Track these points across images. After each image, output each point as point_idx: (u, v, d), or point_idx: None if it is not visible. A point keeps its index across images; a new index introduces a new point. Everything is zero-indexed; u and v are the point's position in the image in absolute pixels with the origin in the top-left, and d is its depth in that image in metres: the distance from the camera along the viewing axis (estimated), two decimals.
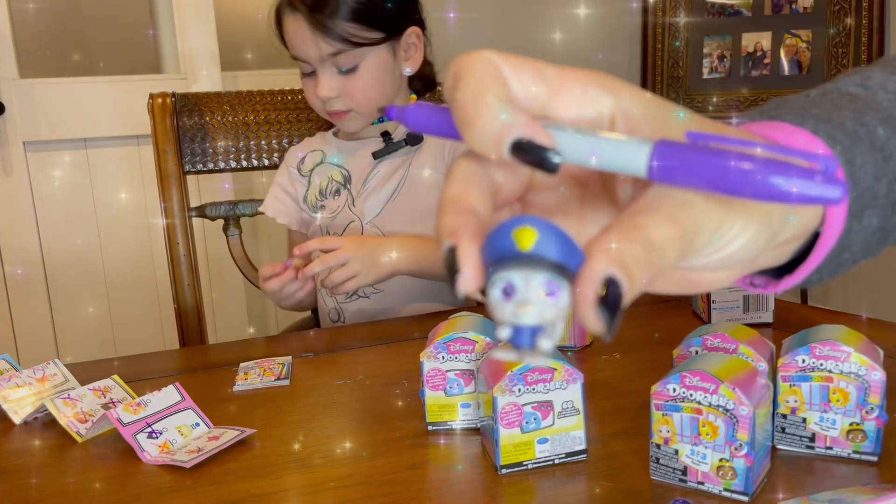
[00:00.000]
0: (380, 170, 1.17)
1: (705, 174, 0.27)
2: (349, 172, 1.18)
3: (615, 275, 0.26)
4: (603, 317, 0.26)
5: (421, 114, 0.33)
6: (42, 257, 2.08)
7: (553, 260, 0.26)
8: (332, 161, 1.19)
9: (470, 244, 0.27)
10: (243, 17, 2.31)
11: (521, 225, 0.27)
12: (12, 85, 1.97)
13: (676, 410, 0.55)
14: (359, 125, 1.16)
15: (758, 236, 0.30)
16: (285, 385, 0.81)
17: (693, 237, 0.28)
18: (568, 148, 0.28)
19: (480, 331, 0.67)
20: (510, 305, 0.26)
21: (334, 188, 1.18)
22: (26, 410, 0.74)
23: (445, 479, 0.61)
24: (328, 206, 1.18)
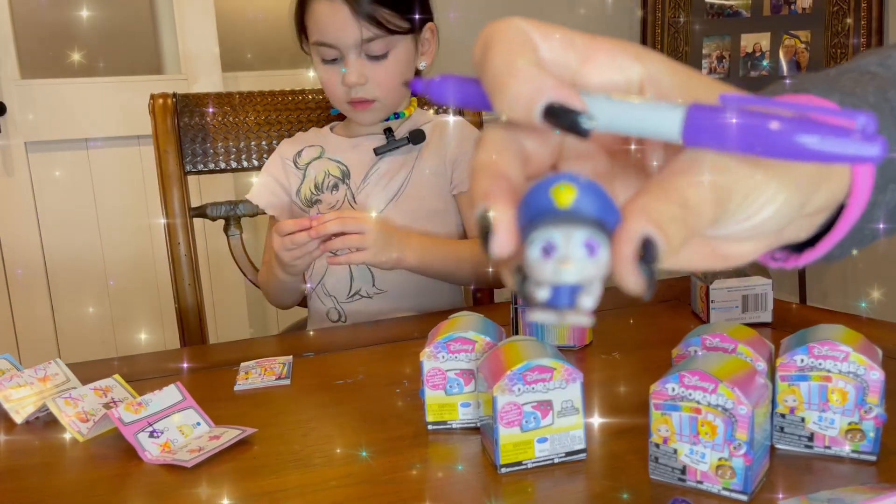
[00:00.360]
0: (380, 166, 1.16)
1: (740, 136, 0.26)
2: (347, 167, 1.17)
3: (652, 234, 0.26)
4: (644, 274, 0.26)
5: (448, 85, 0.32)
6: (43, 257, 2.08)
7: (593, 217, 0.26)
8: (330, 157, 1.18)
9: (504, 206, 0.27)
10: (244, 17, 2.31)
11: (559, 182, 0.26)
12: (13, 85, 1.97)
13: (675, 410, 0.55)
14: (377, 117, 1.15)
15: (789, 203, 0.30)
16: (286, 385, 0.81)
17: (727, 200, 0.28)
18: (600, 113, 0.28)
19: (480, 330, 0.67)
20: (550, 263, 0.26)
21: (331, 182, 1.17)
22: (28, 410, 0.74)
23: (445, 479, 0.61)
24: (325, 201, 1.17)
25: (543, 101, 0.28)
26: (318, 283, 1.18)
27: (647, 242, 0.26)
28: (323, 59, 1.11)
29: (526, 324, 0.87)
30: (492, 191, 0.28)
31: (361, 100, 1.11)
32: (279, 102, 1.27)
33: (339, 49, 1.08)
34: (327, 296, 1.17)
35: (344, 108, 1.15)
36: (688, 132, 0.27)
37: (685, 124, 0.27)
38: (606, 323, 0.95)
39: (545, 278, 0.26)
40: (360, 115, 1.14)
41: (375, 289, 1.15)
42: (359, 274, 1.15)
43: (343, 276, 1.16)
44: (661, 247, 0.26)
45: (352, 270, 1.15)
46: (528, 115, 0.28)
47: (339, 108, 1.16)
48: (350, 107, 1.12)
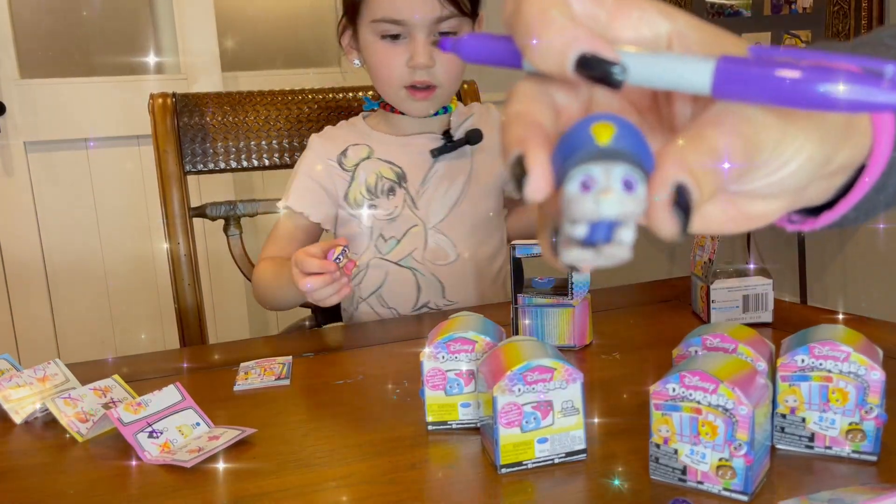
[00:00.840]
0: (438, 169, 1.10)
1: (769, 87, 0.27)
2: (402, 170, 1.10)
3: (686, 182, 0.27)
4: (677, 217, 0.27)
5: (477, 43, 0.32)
6: (42, 257, 2.08)
7: (632, 154, 0.26)
8: (381, 157, 1.10)
9: (538, 149, 0.28)
10: (243, 17, 2.31)
11: (599, 121, 0.27)
12: (13, 85, 1.97)
13: (676, 410, 0.55)
14: (433, 107, 1.08)
15: (814, 157, 0.30)
16: (285, 385, 0.81)
17: (756, 151, 0.29)
18: (632, 65, 0.28)
19: (480, 330, 0.67)
20: (590, 197, 0.26)
21: (386, 186, 1.09)
22: (27, 410, 0.74)
23: (445, 479, 0.61)
24: (382, 206, 1.09)
25: (576, 51, 0.28)
26: (371, 293, 1.11)
27: (681, 189, 0.27)
28: (384, 34, 1.02)
29: (526, 324, 0.87)
30: (525, 136, 0.28)
31: (424, 84, 1.03)
32: (279, 102, 1.27)
33: (407, 27, 1.01)
34: (385, 307, 1.11)
35: (397, 96, 1.06)
36: (717, 84, 0.27)
37: (715, 76, 0.27)
38: (606, 323, 0.95)
39: (583, 213, 0.26)
40: (418, 104, 1.06)
41: (446, 300, 1.10)
42: (426, 284, 1.10)
43: (407, 287, 1.09)
44: (695, 195, 0.27)
45: (418, 281, 1.09)
46: (560, 66, 0.28)
47: (392, 96, 1.07)
48: (407, 93, 1.04)
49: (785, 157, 0.30)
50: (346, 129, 1.15)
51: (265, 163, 1.26)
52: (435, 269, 1.09)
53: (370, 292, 1.11)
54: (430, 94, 1.04)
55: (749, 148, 0.28)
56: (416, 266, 1.09)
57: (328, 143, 1.12)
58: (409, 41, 1.02)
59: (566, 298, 0.85)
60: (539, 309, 0.86)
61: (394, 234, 1.09)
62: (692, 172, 0.27)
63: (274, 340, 1.04)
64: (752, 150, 0.29)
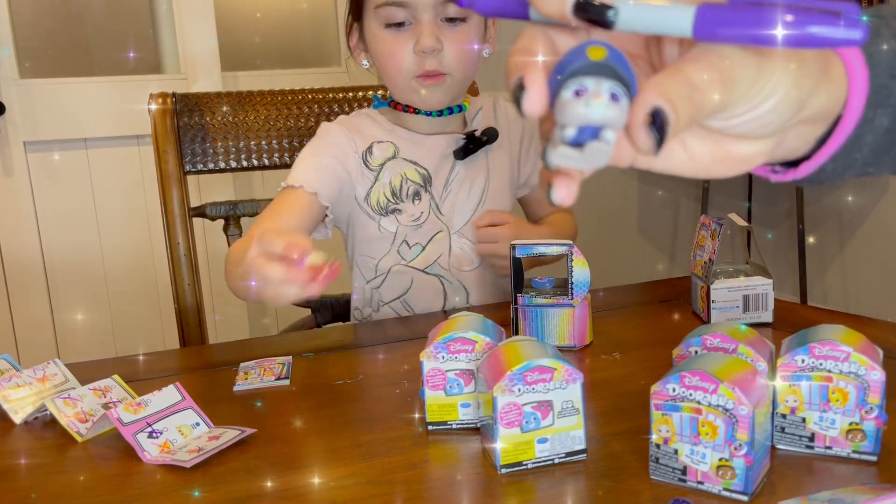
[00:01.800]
0: (459, 171, 1.07)
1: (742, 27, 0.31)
2: (428, 172, 1.05)
3: (661, 105, 0.31)
4: (652, 135, 0.31)
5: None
6: (42, 257, 2.08)
7: (620, 73, 0.32)
8: (406, 157, 1.05)
9: (536, 70, 0.33)
10: (243, 17, 2.31)
11: (594, 44, 0.32)
12: (12, 85, 1.97)
13: (676, 410, 0.55)
14: (445, 96, 1.02)
15: (789, 97, 0.34)
16: (285, 385, 0.81)
17: (731, 84, 0.32)
18: (623, 10, 0.32)
19: (480, 330, 0.67)
20: (581, 101, 0.31)
21: (412, 189, 1.04)
22: (27, 410, 0.74)
23: (445, 479, 0.61)
24: (406, 211, 1.04)
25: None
26: (394, 298, 1.08)
27: (658, 112, 0.31)
28: (388, 22, 0.98)
29: (526, 324, 0.87)
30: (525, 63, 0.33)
31: (434, 72, 0.99)
32: (279, 102, 1.27)
33: (412, 9, 0.97)
34: (410, 312, 1.09)
35: (409, 87, 1.01)
36: (698, 27, 0.32)
37: (696, 20, 0.32)
38: (606, 323, 0.95)
39: (574, 116, 0.31)
40: (429, 92, 1.01)
41: (469, 305, 1.09)
42: (453, 291, 1.07)
43: (435, 294, 1.07)
44: (670, 117, 0.31)
45: (445, 288, 1.07)
46: (560, 9, 0.33)
47: (402, 88, 1.02)
48: (419, 82, 1.00)
49: (763, 94, 0.33)
50: (367, 122, 1.08)
51: (265, 163, 1.26)
52: (460, 276, 1.08)
53: (394, 297, 1.08)
54: (440, 80, 1.00)
55: (726, 81, 0.32)
56: (442, 273, 1.07)
57: (354, 135, 1.05)
58: (414, 26, 0.98)
59: (566, 298, 0.85)
60: (539, 309, 0.86)
61: (419, 241, 1.06)
62: (668, 99, 0.31)
63: (274, 340, 1.04)
64: (729, 82, 0.32)
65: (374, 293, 1.09)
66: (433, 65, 0.99)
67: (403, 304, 1.09)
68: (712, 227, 0.91)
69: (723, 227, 0.90)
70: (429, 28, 0.97)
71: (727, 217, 0.94)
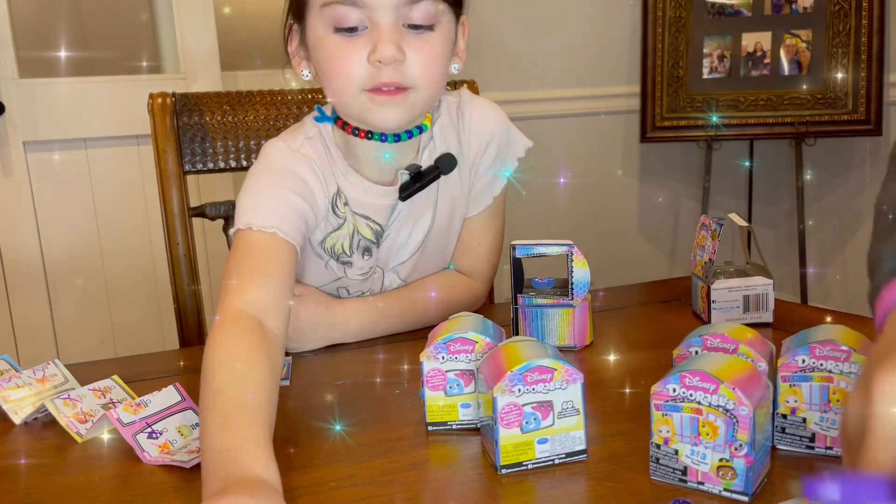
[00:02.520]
0: (402, 210, 0.92)
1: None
2: (380, 227, 0.92)
3: None
4: None
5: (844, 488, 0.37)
6: (42, 257, 2.08)
7: None
8: (357, 210, 0.91)
9: None
10: (243, 17, 2.31)
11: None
12: (12, 85, 1.97)
13: (676, 410, 0.55)
14: (405, 116, 0.84)
15: None
16: (285, 385, 0.81)
17: None
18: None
19: (480, 331, 0.67)
20: None
21: (363, 244, 0.92)
22: (26, 411, 0.74)
23: (445, 479, 0.61)
24: (356, 264, 0.93)
25: None
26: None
27: None
28: (337, 26, 0.80)
29: (526, 324, 0.87)
30: None
31: (392, 85, 0.81)
32: (279, 102, 1.27)
33: (368, 11, 0.79)
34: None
35: (358, 103, 0.83)
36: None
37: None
38: (606, 323, 0.95)
39: None
40: (385, 110, 0.82)
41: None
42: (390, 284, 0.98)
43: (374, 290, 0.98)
44: None
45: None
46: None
47: (350, 105, 0.84)
48: (370, 98, 0.82)
49: None
50: (323, 157, 0.90)
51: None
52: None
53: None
54: (399, 95, 0.81)
55: None
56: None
57: (322, 174, 0.89)
58: (370, 31, 0.80)
59: (566, 299, 0.85)
60: (539, 309, 0.86)
61: (360, 289, 0.97)
62: None
63: None
64: None
65: None
66: (392, 77, 0.80)
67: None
68: (712, 227, 0.91)
69: (723, 227, 0.90)
70: (388, 34, 0.79)
71: (727, 217, 0.94)
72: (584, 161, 2.59)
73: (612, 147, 2.62)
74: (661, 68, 2.43)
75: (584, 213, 2.60)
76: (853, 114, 2.28)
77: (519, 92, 2.45)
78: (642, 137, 2.47)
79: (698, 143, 2.44)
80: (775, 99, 2.34)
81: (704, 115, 2.39)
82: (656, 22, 2.43)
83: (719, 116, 2.37)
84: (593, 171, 2.60)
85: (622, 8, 2.52)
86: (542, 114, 2.47)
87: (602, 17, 2.52)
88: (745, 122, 2.35)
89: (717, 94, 2.39)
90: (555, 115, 2.50)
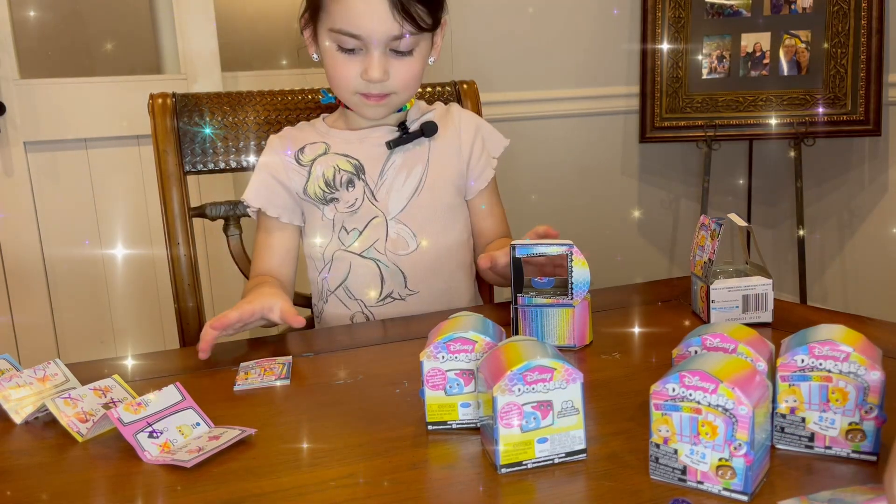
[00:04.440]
0: (395, 160, 1.12)
1: None
2: (360, 162, 1.12)
3: None
4: None
5: None
6: (42, 257, 2.08)
7: None
8: (337, 152, 1.12)
9: None
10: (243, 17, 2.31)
11: None
12: (13, 85, 1.97)
13: (676, 410, 0.55)
14: (387, 112, 1.11)
15: None
16: (286, 385, 0.81)
17: None
18: None
19: (480, 330, 0.67)
20: None
21: (345, 178, 1.11)
22: (27, 410, 0.74)
23: (445, 479, 0.61)
24: (343, 199, 1.11)
25: None
26: (338, 286, 1.13)
27: None
28: (340, 46, 1.04)
29: (526, 324, 0.87)
30: None
31: (378, 94, 1.06)
32: (279, 102, 1.27)
33: (364, 41, 1.02)
34: (352, 299, 1.13)
35: (351, 100, 1.09)
36: None
37: None
38: (606, 323, 0.95)
39: None
40: (372, 108, 1.08)
41: (408, 290, 1.12)
42: (389, 275, 1.12)
43: (372, 278, 1.12)
44: None
45: (382, 271, 1.12)
46: None
47: (345, 99, 1.10)
48: (360, 98, 1.07)
49: None
50: (304, 129, 1.17)
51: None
52: (396, 259, 1.11)
53: (337, 285, 1.13)
54: (383, 100, 1.07)
55: None
56: (378, 257, 1.11)
57: (286, 142, 1.15)
58: (364, 54, 1.03)
59: (566, 298, 0.85)
60: (539, 309, 0.86)
61: (356, 226, 1.11)
62: None
63: (274, 340, 1.04)
64: None
65: (323, 283, 1.14)
66: (378, 90, 1.05)
67: (345, 290, 1.13)
68: (712, 227, 0.91)
69: (722, 228, 0.90)
70: (378, 61, 1.03)
71: (727, 217, 0.94)
72: (584, 161, 2.59)
73: (612, 147, 2.62)
74: (661, 68, 2.43)
75: (583, 212, 2.60)
76: (852, 114, 2.28)
77: (519, 92, 2.45)
78: (642, 137, 2.47)
79: (698, 143, 2.44)
80: (775, 99, 2.34)
81: (704, 115, 2.39)
82: (656, 22, 2.43)
83: (719, 117, 2.37)
84: (593, 171, 2.60)
85: (622, 8, 2.52)
86: (542, 114, 2.47)
87: (602, 17, 2.52)
88: (745, 122, 2.35)
89: (716, 95, 2.39)
90: (555, 115, 2.50)
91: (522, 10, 2.43)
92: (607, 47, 2.53)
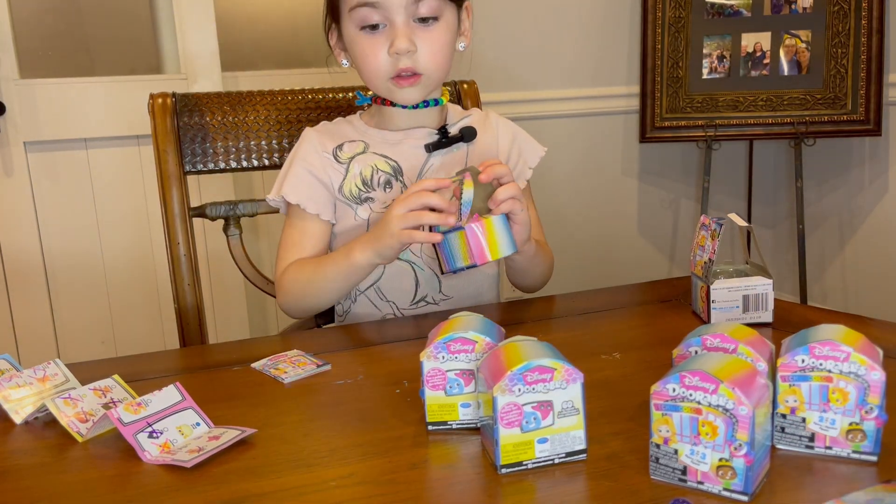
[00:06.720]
0: (433, 164, 1.10)
1: None
2: (398, 164, 1.10)
3: None
4: None
5: None
6: (42, 257, 2.08)
7: None
8: (376, 151, 1.10)
9: None
10: (243, 17, 2.31)
11: None
12: (13, 85, 1.97)
13: (676, 410, 0.55)
14: (420, 94, 1.07)
15: None
16: (327, 370, 0.84)
17: None
18: None
19: (480, 330, 0.67)
20: None
21: (383, 179, 1.09)
22: (27, 410, 0.74)
23: (445, 479, 0.61)
24: (378, 198, 1.09)
25: None
26: (369, 286, 1.11)
27: None
28: (363, 24, 1.02)
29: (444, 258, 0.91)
30: None
31: (409, 72, 1.03)
32: (279, 102, 1.27)
33: (385, 11, 1.01)
34: (384, 301, 1.11)
35: (385, 87, 1.06)
36: None
37: None
38: (606, 323, 0.95)
39: None
40: (405, 91, 1.05)
41: (442, 294, 1.11)
42: (425, 280, 1.10)
43: (406, 281, 1.10)
44: None
45: (417, 275, 1.10)
46: None
47: (379, 88, 1.07)
48: (394, 83, 1.05)
49: None
50: (342, 125, 1.15)
51: (265, 163, 1.26)
52: (432, 264, 1.10)
53: (368, 285, 1.10)
54: (415, 81, 1.04)
55: None
56: (414, 260, 1.10)
57: (324, 137, 1.12)
58: (389, 28, 1.02)
59: (459, 223, 0.90)
60: (445, 240, 0.90)
61: None
62: None
63: (274, 340, 1.04)
64: None
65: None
66: (407, 64, 1.03)
67: (377, 291, 1.11)
68: (712, 227, 0.91)
69: (722, 227, 0.90)
70: (402, 30, 1.01)
71: (727, 217, 0.94)
72: (584, 161, 2.59)
73: (612, 147, 2.62)
74: (661, 68, 2.43)
75: (583, 212, 2.61)
76: (852, 114, 2.28)
77: (519, 92, 2.45)
78: (642, 137, 2.47)
79: (698, 143, 2.44)
80: (775, 99, 2.34)
81: (704, 115, 2.39)
82: (656, 22, 2.43)
83: (719, 117, 2.37)
84: (593, 171, 2.60)
85: (622, 8, 2.52)
86: (542, 114, 2.47)
87: (602, 17, 2.52)
88: (745, 122, 2.35)
89: (716, 95, 2.39)
90: (555, 115, 2.50)
91: (522, 10, 2.43)
92: (607, 47, 2.53)
